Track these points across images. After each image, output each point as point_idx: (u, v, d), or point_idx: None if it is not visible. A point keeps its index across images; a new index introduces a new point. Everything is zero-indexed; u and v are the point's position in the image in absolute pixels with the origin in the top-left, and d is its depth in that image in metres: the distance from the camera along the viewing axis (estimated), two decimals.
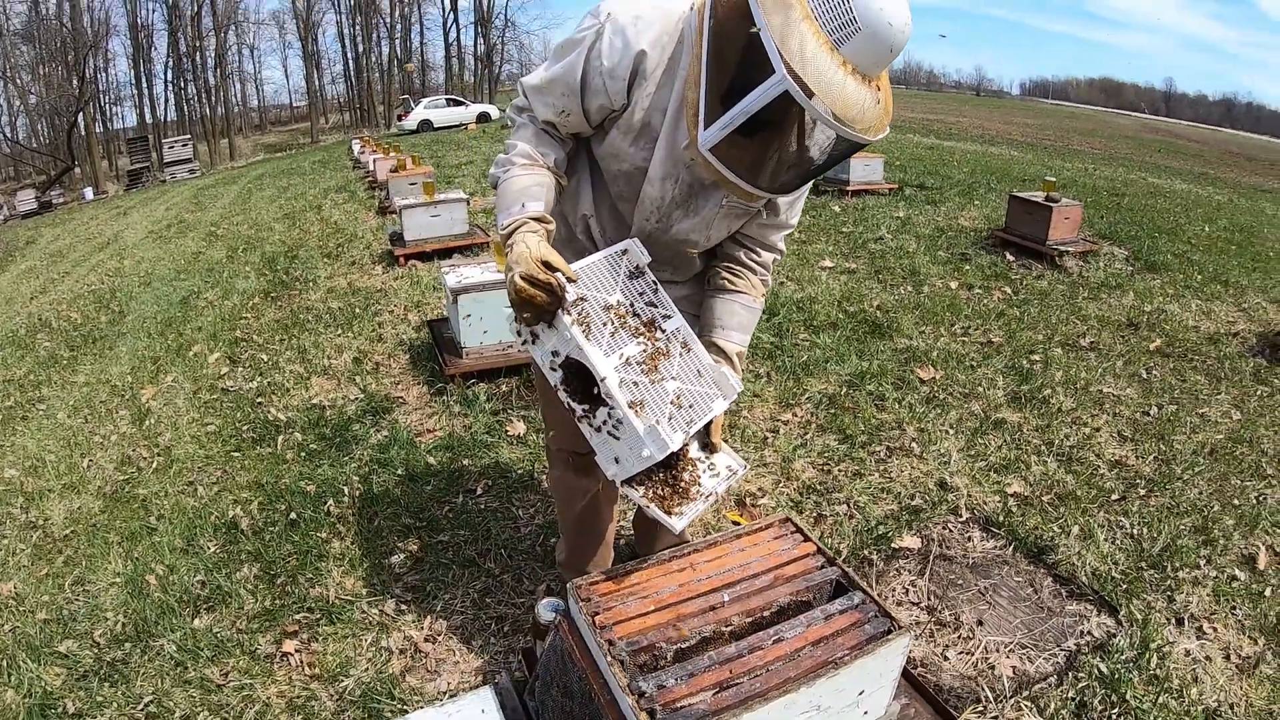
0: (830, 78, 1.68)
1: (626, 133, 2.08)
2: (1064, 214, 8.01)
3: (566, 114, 2.10)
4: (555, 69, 2.06)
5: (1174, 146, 41.95)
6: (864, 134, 1.78)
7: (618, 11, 1.96)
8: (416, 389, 5.20)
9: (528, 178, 2.10)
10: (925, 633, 3.03)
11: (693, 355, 2.15)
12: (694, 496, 2.10)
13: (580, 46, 2.00)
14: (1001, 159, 18.69)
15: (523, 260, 1.90)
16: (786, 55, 1.66)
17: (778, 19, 1.67)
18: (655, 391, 2.00)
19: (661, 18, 1.95)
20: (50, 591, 3.52)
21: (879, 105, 1.79)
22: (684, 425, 2.01)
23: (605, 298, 2.04)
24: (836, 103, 1.70)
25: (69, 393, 5.96)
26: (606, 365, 1.93)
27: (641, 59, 1.95)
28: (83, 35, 48.17)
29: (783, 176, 1.99)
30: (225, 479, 4.30)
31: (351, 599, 3.22)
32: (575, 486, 2.74)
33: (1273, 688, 2.79)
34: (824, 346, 5.60)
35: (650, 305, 2.14)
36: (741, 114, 1.77)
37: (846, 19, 1.66)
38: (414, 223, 8.40)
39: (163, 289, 8.84)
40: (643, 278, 2.17)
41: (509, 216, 2.05)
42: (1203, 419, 4.77)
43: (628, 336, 2.03)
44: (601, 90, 2.00)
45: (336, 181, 16.39)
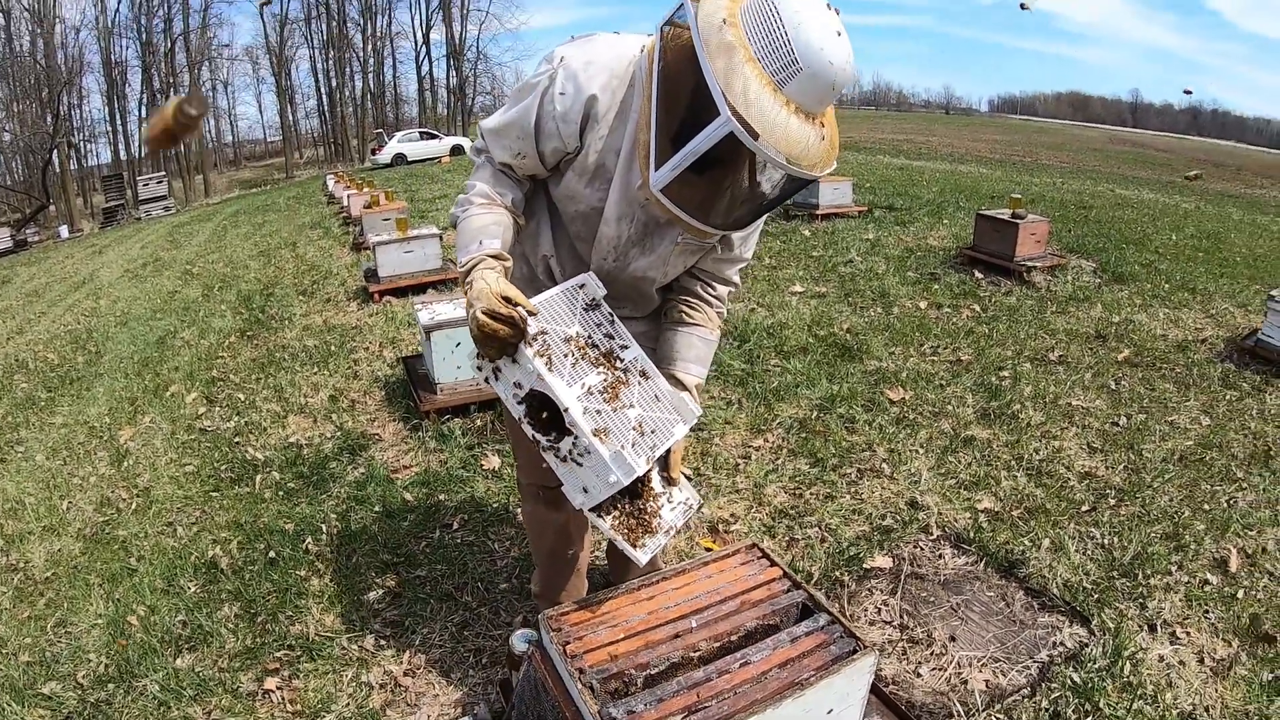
0: (773, 117, 1.74)
1: (581, 174, 2.15)
2: (1030, 230, 8.13)
3: (522, 156, 2.17)
4: (511, 113, 2.13)
5: (1142, 156, 42.45)
6: (809, 170, 1.85)
7: (570, 57, 2.03)
8: (392, 425, 5.24)
9: (486, 217, 2.17)
10: (897, 651, 3.07)
11: (651, 383, 2.22)
12: (656, 529, 2.17)
13: (534, 91, 2.07)
14: (970, 177, 18.90)
15: (483, 296, 1.96)
16: (731, 97, 1.72)
17: (721, 62, 1.74)
18: (618, 419, 2.05)
19: (611, 62, 2.03)
20: (32, 633, 3.54)
21: (824, 141, 1.85)
22: (647, 450, 2.07)
23: (565, 330, 2.10)
24: (780, 141, 1.76)
25: (47, 434, 5.97)
26: (569, 395, 1.98)
27: (593, 103, 2.02)
28: (56, 72, 48.04)
29: (735, 213, 2.07)
30: (204, 519, 4.33)
31: (331, 635, 3.26)
32: (546, 520, 2.79)
33: (1248, 688, 2.84)
34: (794, 371, 5.67)
35: (608, 336, 2.20)
36: (690, 155, 1.83)
37: (788, 59, 1.72)
38: (388, 259, 8.46)
39: (139, 329, 8.85)
40: (599, 310, 2.23)
41: (467, 254, 2.11)
42: (1172, 426, 4.85)
43: (588, 367, 2.09)
44: (555, 134, 2.07)
45: (311, 218, 16.44)
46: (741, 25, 1.77)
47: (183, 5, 54.92)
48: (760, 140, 1.74)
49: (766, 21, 1.74)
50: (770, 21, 1.73)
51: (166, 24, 54.62)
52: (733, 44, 1.74)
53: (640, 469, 2.00)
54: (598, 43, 2.09)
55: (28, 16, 48.50)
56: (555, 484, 2.55)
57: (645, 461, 2.04)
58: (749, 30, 1.76)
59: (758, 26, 1.75)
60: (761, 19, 1.75)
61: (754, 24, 1.76)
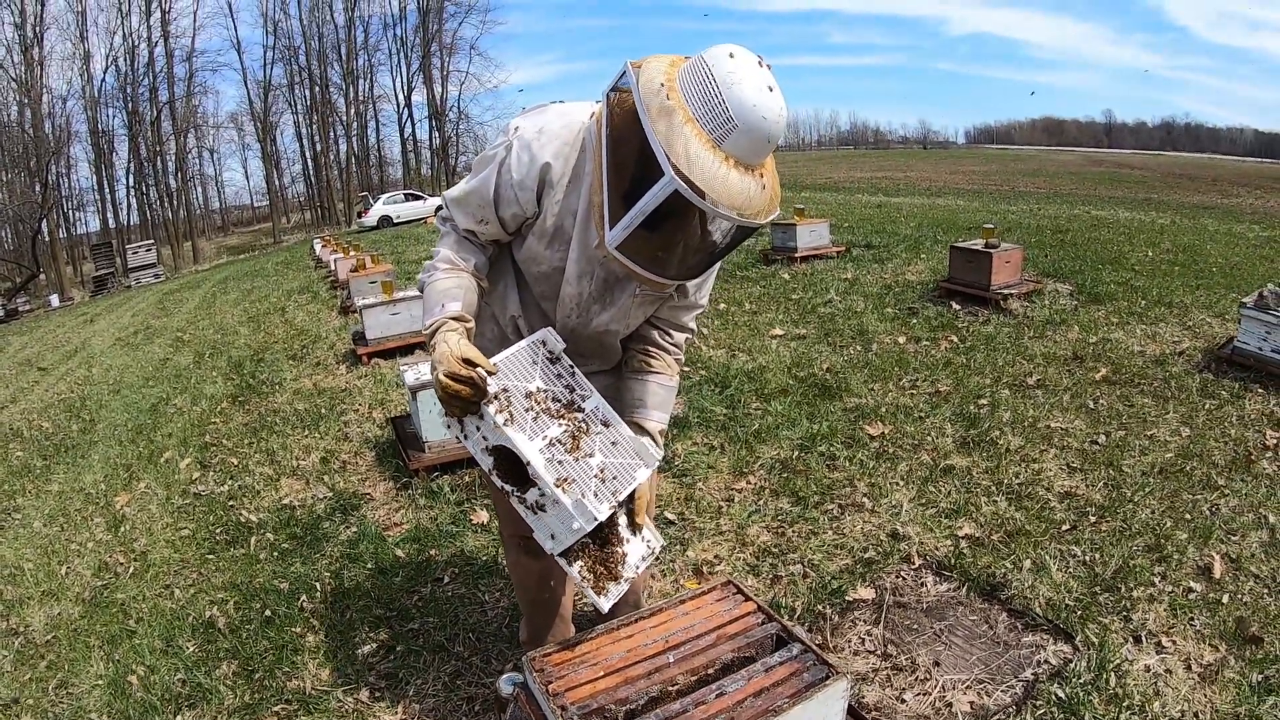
0: (713, 173, 1.88)
1: (540, 237, 2.29)
2: (1004, 258, 8.26)
3: (484, 222, 2.32)
4: (472, 183, 2.29)
5: (1118, 176, 42.63)
6: (753, 219, 1.99)
7: (524, 128, 2.20)
8: (383, 484, 5.33)
9: (448, 280, 2.31)
10: (881, 678, 3.13)
11: (612, 429, 2.32)
12: (620, 576, 2.27)
13: (493, 163, 2.23)
14: (948, 210, 19.06)
15: (444, 359, 2.09)
16: (673, 157, 1.86)
17: (663, 125, 1.88)
18: (580, 467, 2.16)
19: (562, 129, 2.18)
20: (35, 694, 3.60)
21: (764, 190, 2.00)
22: (609, 496, 2.17)
23: (526, 385, 2.21)
24: (722, 195, 1.90)
25: (44, 502, 6.05)
26: (531, 448, 2.09)
27: (547, 170, 2.17)
28: (44, 142, 48.42)
29: (687, 263, 2.20)
30: (201, 580, 4.40)
31: (327, 689, 3.32)
32: (529, 568, 2.88)
33: (1237, 691, 2.88)
34: (775, 413, 5.75)
35: (569, 388, 2.31)
36: (639, 214, 1.96)
37: (724, 118, 1.87)
38: (375, 321, 8.57)
39: (132, 396, 8.93)
40: (560, 362, 2.35)
41: (430, 317, 2.25)
42: (1151, 440, 4.92)
43: (549, 419, 2.20)
44: (514, 200, 2.23)
45: (299, 282, 16.56)
46: (679, 89, 1.92)
47: (168, 74, 55.57)
48: (704, 196, 1.88)
49: (702, 84, 1.89)
50: (705, 83, 1.89)
51: (152, 93, 55.24)
52: (672, 107, 1.88)
53: (602, 514, 2.11)
54: (549, 113, 2.24)
55: (15, 86, 49.03)
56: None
57: (608, 507, 2.15)
58: (686, 93, 1.91)
59: (694, 88, 1.90)
60: (697, 81, 1.90)
61: (690, 87, 1.91)
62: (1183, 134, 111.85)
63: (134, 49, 53.99)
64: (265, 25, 60.58)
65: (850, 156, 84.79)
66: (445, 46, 63.40)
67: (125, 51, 53.78)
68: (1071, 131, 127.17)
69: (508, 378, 2.19)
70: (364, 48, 62.93)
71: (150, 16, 54.23)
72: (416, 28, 63.18)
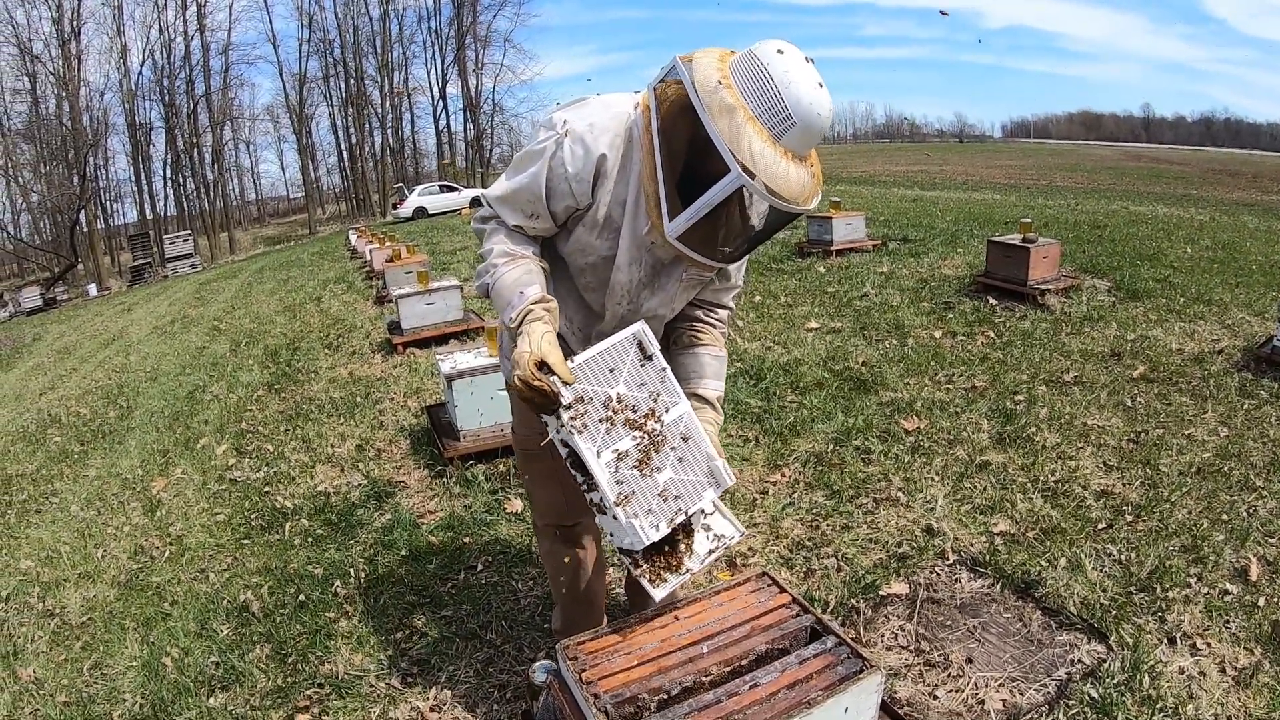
0: (775, 168, 1.96)
1: (591, 228, 2.30)
2: (1042, 253, 8.14)
3: (535, 217, 2.31)
4: (519, 179, 2.28)
5: (1156, 171, 41.92)
6: (805, 205, 2.07)
7: (573, 122, 2.20)
8: (418, 472, 5.36)
9: (516, 270, 2.27)
10: (913, 674, 3.10)
11: (691, 444, 2.28)
12: (677, 567, 2.26)
13: (542, 158, 2.22)
14: (984, 204, 18.83)
15: (521, 362, 2.06)
16: (739, 155, 1.92)
17: (725, 122, 1.93)
18: (645, 484, 2.14)
19: (612, 122, 2.20)
20: (69, 675, 3.65)
21: (813, 179, 2.08)
22: (669, 515, 2.16)
23: (607, 390, 2.17)
24: (783, 187, 1.98)
25: (81, 486, 6.12)
26: (598, 463, 2.08)
27: (603, 162, 2.18)
28: (82, 134, 48.99)
29: (737, 246, 2.27)
30: (236, 565, 4.45)
31: (360, 674, 3.35)
32: (563, 557, 2.88)
33: (1271, 695, 2.83)
34: (810, 407, 5.71)
35: (653, 395, 2.25)
36: (705, 206, 2.02)
37: (783, 115, 1.94)
38: (410, 311, 8.62)
39: (169, 384, 9.04)
40: (652, 362, 2.28)
41: (512, 310, 2.21)
42: (1189, 439, 4.84)
43: (624, 430, 2.17)
44: (568, 193, 2.22)
45: (335, 273, 16.67)
46: (736, 86, 1.96)
47: (204, 67, 56.02)
48: (770, 192, 1.96)
49: (759, 82, 1.94)
50: (763, 82, 1.94)
51: (189, 86, 55.69)
52: (733, 105, 1.93)
53: (652, 538, 2.11)
54: (593, 105, 2.25)
55: (54, 80, 49.65)
56: (570, 522, 2.70)
57: (665, 526, 2.15)
58: (744, 90, 1.95)
59: (752, 86, 1.95)
60: (754, 79, 1.95)
61: (747, 84, 1.96)
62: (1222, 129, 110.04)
63: (170, 42, 54.51)
64: (300, 18, 60.74)
65: (886, 150, 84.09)
66: (480, 39, 63.40)
67: (162, 45, 54.29)
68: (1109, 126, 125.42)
69: (589, 380, 2.16)
70: (399, 40, 63.17)
71: (186, 10, 54.71)
72: (451, 20, 63.21)
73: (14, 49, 48.91)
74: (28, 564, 4.83)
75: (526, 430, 2.71)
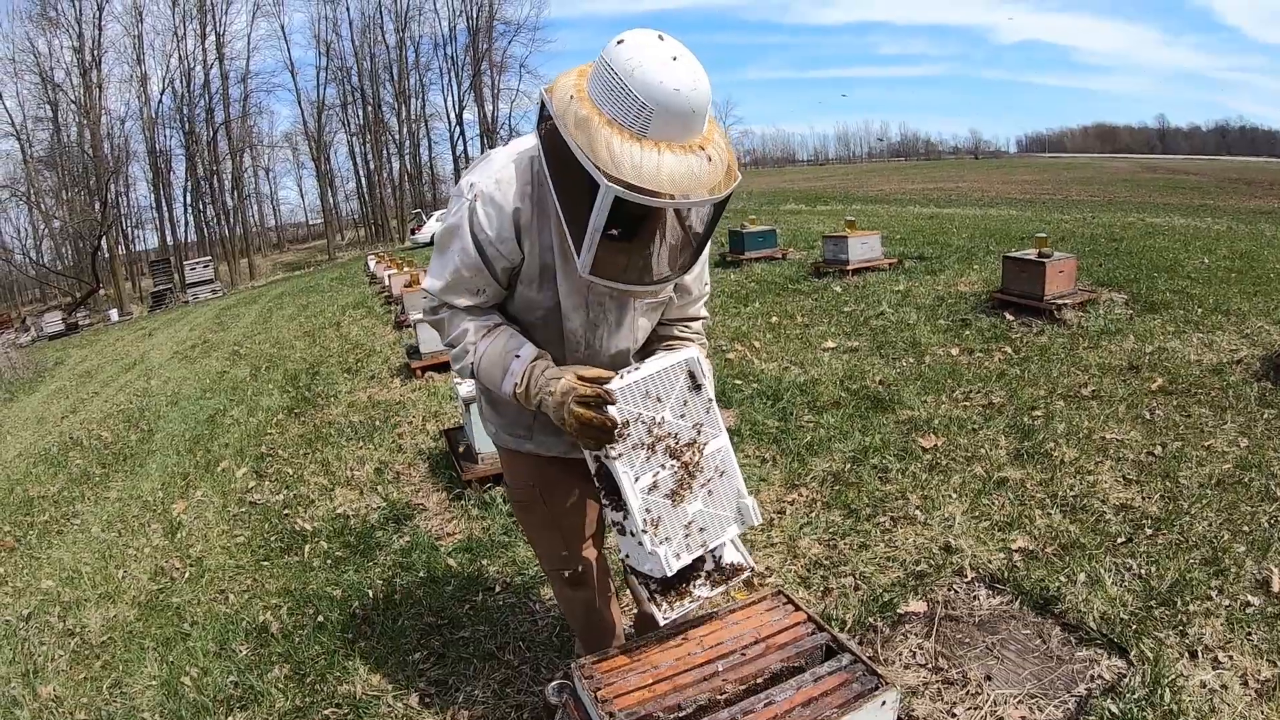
0: (644, 164, 1.80)
1: (529, 283, 2.22)
2: (1058, 268, 8.09)
3: (482, 292, 2.22)
4: (453, 266, 2.18)
5: (1172, 182, 41.35)
6: (710, 194, 1.88)
7: (479, 182, 2.11)
8: (436, 495, 5.38)
9: (499, 340, 2.22)
10: (931, 692, 3.08)
11: (725, 479, 2.27)
12: (686, 594, 2.27)
13: (461, 230, 2.14)
14: (1000, 219, 18.72)
15: (570, 390, 2.04)
16: (599, 163, 1.79)
17: (581, 135, 1.83)
18: (674, 514, 2.15)
19: (517, 170, 2.11)
20: (89, 694, 3.68)
21: (711, 163, 1.89)
22: (691, 548, 2.17)
23: (653, 414, 2.16)
24: (663, 182, 1.81)
25: (102, 508, 6.18)
26: (633, 490, 2.09)
27: (518, 215, 2.10)
28: (104, 161, 49.59)
29: (670, 261, 2.12)
30: (255, 586, 4.47)
31: (378, 694, 3.36)
32: (575, 600, 2.88)
33: None
34: (827, 426, 5.69)
35: (696, 426, 2.23)
36: (595, 231, 1.89)
37: (637, 106, 1.80)
38: (428, 336, 8.61)
39: (190, 407, 9.11)
40: (699, 393, 2.25)
41: (512, 377, 2.17)
42: (1209, 451, 4.78)
43: (663, 457, 2.16)
44: (498, 255, 2.14)
45: (354, 298, 16.77)
46: (589, 94, 1.88)
47: (223, 95, 56.64)
48: (644, 192, 1.80)
49: (605, 80, 1.84)
50: (608, 79, 1.83)
51: (208, 114, 56.34)
52: (586, 115, 1.84)
53: (672, 569, 2.11)
54: (496, 158, 2.17)
55: (75, 108, 50.31)
56: (574, 566, 2.68)
57: (687, 558, 2.16)
58: (595, 96, 1.86)
59: (601, 89, 1.85)
60: (601, 81, 1.86)
61: (598, 89, 1.86)
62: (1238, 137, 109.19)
63: (190, 71, 55.25)
64: (318, 47, 61.46)
65: (901, 168, 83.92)
66: (495, 65, 64.14)
67: (182, 74, 55.02)
68: (1124, 138, 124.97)
69: (635, 403, 2.13)
70: (415, 67, 63.78)
71: (205, 40, 55.51)
72: (467, 47, 63.92)
73: (36, 77, 49.80)
74: (49, 584, 4.87)
75: (516, 483, 2.72)
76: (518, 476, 2.67)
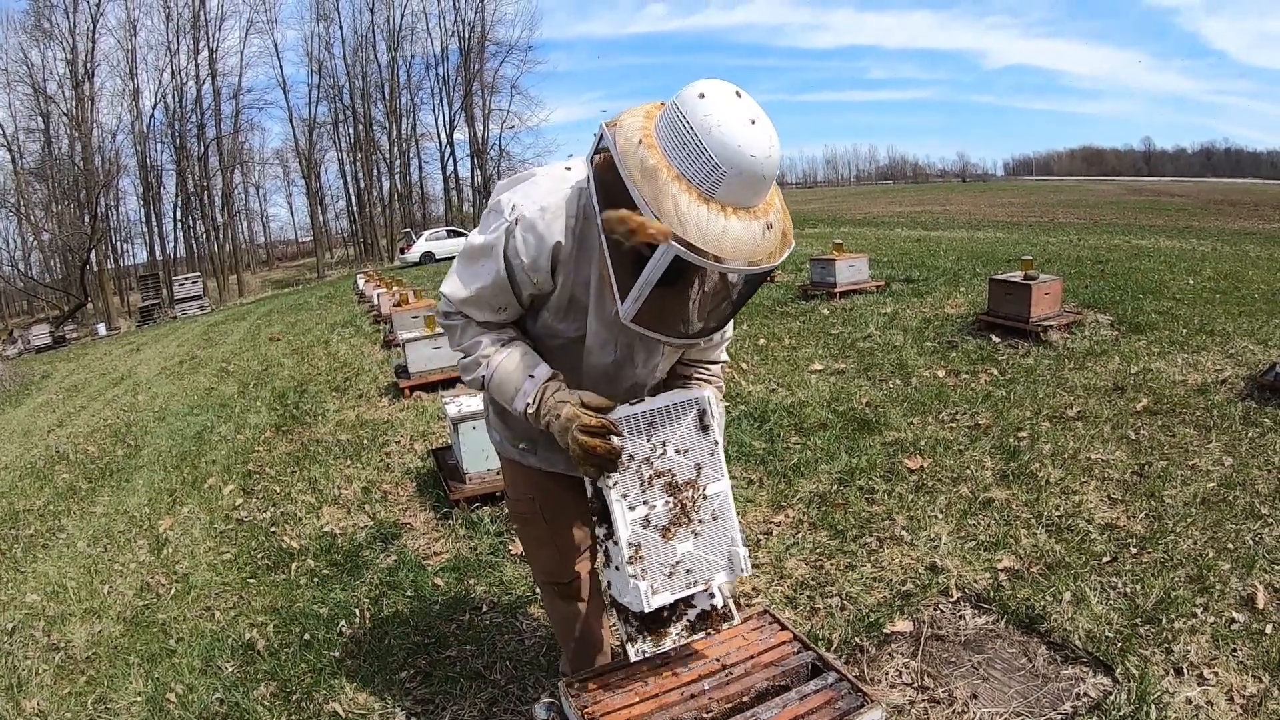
0: (711, 228, 1.74)
1: (556, 312, 2.18)
2: (1044, 290, 8.12)
3: (503, 310, 2.19)
4: (480, 282, 2.14)
5: (1158, 204, 41.52)
6: (763, 264, 1.84)
7: (522, 206, 2.04)
8: (424, 514, 5.39)
9: (514, 354, 2.18)
10: (918, 710, 3.09)
11: (719, 524, 2.23)
12: (661, 638, 2.28)
13: (495, 250, 2.08)
14: (987, 242, 18.75)
15: (575, 422, 2.03)
16: (665, 220, 1.73)
17: (648, 187, 1.75)
18: (662, 550, 2.14)
19: (565, 202, 2.03)
20: (73, 709, 3.68)
21: (770, 230, 1.84)
22: (675, 588, 2.15)
23: (656, 450, 2.16)
24: (726, 249, 1.76)
25: (88, 523, 6.16)
26: (624, 519, 2.08)
27: (558, 250, 2.04)
28: (94, 174, 49.52)
29: (709, 317, 2.07)
30: (242, 604, 4.47)
31: (364, 713, 3.36)
32: (565, 612, 2.89)
33: None
34: (814, 447, 5.70)
35: (697, 467, 2.20)
36: (646, 285, 1.84)
37: (710, 167, 1.72)
38: (417, 355, 8.68)
39: (177, 424, 9.09)
40: (705, 435, 2.23)
41: (524, 396, 2.13)
42: (1194, 470, 4.80)
43: (660, 493, 2.15)
44: (528, 282, 2.10)
45: (343, 316, 16.78)
46: (658, 144, 1.80)
47: (215, 111, 56.65)
48: (706, 255, 1.75)
49: (679, 133, 1.76)
50: (683, 132, 1.75)
51: (199, 129, 56.33)
52: (655, 166, 1.76)
53: (651, 606, 2.09)
54: (542, 183, 2.09)
55: (66, 121, 50.26)
56: (567, 579, 2.69)
57: (667, 596, 2.14)
58: (666, 146, 1.78)
59: (672, 140, 1.77)
60: (674, 132, 1.77)
61: (669, 138, 1.78)
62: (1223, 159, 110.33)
63: (182, 86, 55.23)
64: (310, 65, 61.42)
65: (889, 191, 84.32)
66: (487, 85, 64.10)
67: (174, 89, 55.01)
68: (1111, 160, 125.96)
69: (638, 434, 2.13)
70: (407, 87, 63.81)
71: (198, 55, 55.49)
72: (458, 67, 63.92)
73: (28, 89, 49.70)
74: (34, 598, 4.86)
75: (517, 495, 2.72)
76: (519, 489, 2.68)
